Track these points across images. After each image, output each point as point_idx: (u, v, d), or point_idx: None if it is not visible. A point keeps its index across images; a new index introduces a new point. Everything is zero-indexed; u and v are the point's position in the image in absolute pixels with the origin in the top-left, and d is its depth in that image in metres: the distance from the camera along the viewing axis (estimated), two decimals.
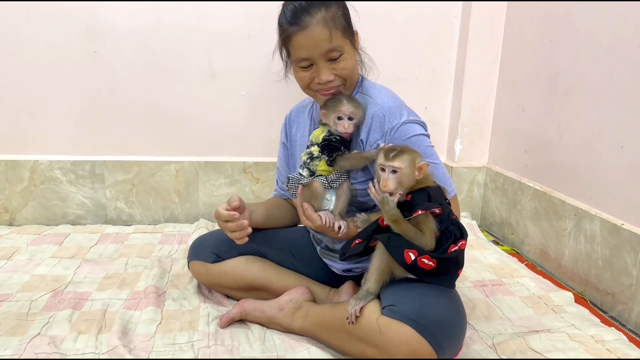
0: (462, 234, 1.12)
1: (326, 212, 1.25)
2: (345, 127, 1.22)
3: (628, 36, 1.52)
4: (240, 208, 1.30)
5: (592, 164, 1.68)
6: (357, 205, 1.31)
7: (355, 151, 1.27)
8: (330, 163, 1.24)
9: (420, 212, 1.05)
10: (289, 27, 1.20)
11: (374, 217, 1.25)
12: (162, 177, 2.17)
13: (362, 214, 1.25)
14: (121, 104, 2.10)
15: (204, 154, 2.20)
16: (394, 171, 1.08)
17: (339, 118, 1.23)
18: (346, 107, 1.22)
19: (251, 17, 2.06)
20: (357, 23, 1.29)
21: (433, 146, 1.27)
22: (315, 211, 1.26)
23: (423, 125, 1.28)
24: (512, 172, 2.15)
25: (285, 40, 1.24)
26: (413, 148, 1.17)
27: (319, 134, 1.27)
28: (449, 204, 1.16)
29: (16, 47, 1.98)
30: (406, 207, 1.09)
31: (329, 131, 1.26)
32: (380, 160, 1.10)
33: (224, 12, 2.06)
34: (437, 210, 1.08)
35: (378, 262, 1.13)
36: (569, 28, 1.78)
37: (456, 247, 1.09)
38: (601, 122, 1.63)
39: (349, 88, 1.29)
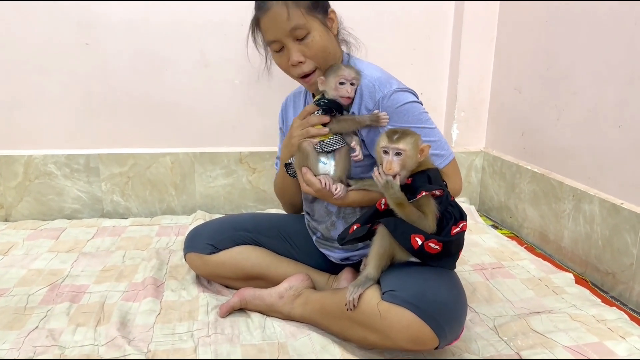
0: (461, 215, 1.11)
1: (325, 175, 1.23)
2: (348, 92, 1.22)
3: (624, 13, 1.50)
4: None
5: (590, 144, 1.67)
6: None
7: (348, 115, 1.26)
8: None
9: (423, 194, 1.05)
10: (256, 13, 1.26)
11: (367, 181, 1.24)
12: (158, 169, 2.15)
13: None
14: (114, 96, 2.08)
15: (199, 145, 2.19)
16: (398, 153, 1.07)
17: (341, 83, 1.22)
18: (347, 72, 1.23)
19: (243, 5, 2.03)
20: (349, 8, 1.27)
21: (427, 112, 1.26)
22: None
23: (414, 93, 1.27)
24: (510, 156, 2.14)
25: (255, 26, 1.29)
26: (408, 116, 1.20)
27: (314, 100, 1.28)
28: (446, 185, 1.15)
29: (6, 40, 1.96)
30: (407, 190, 1.08)
31: (322, 95, 1.26)
32: (384, 142, 1.09)
33: (216, 1, 2.03)
34: (437, 192, 1.08)
35: (378, 247, 1.12)
36: (565, 7, 1.76)
37: (458, 229, 1.09)
38: (598, 101, 1.62)
39: (324, 68, 1.28)
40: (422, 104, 1.26)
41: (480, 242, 1.89)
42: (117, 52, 2.03)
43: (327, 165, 1.24)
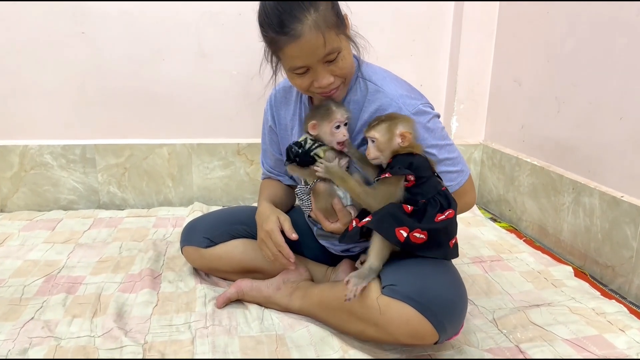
0: (449, 204, 1.10)
1: (352, 206, 1.20)
2: (345, 135, 1.17)
3: (625, 4, 1.49)
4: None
5: (591, 136, 1.66)
6: None
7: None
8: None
9: (387, 176, 1.08)
10: (277, 36, 1.08)
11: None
12: (155, 161, 2.13)
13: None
14: (111, 86, 2.06)
15: (196, 136, 2.17)
16: (373, 140, 1.11)
17: (337, 127, 1.16)
18: (340, 114, 1.16)
19: None
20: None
21: (444, 127, 1.25)
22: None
23: (432, 106, 1.24)
24: (509, 149, 2.13)
25: (274, 50, 1.14)
26: (435, 133, 1.19)
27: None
28: (437, 175, 1.14)
29: (1, 29, 1.93)
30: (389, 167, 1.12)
31: (305, 140, 1.21)
32: (363, 130, 1.15)
33: None
34: (411, 178, 1.08)
35: (379, 237, 1.11)
36: None
37: (443, 217, 1.07)
38: (599, 94, 1.61)
39: (348, 82, 1.22)
40: (439, 117, 1.24)
41: (479, 235, 1.89)
42: (114, 41, 2.01)
43: (345, 198, 1.21)
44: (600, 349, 1.17)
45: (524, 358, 1.14)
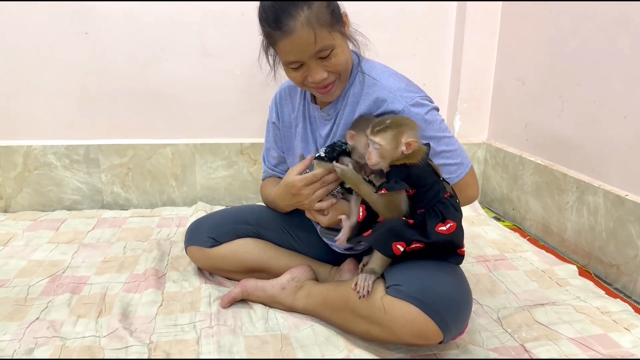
0: (450, 214, 1.08)
1: (333, 196, 1.24)
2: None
3: (630, 3, 1.48)
4: None
5: (594, 135, 1.66)
6: None
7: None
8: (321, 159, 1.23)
9: (383, 192, 1.06)
10: (272, 31, 1.13)
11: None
12: (158, 160, 2.14)
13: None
14: (114, 86, 2.06)
15: (199, 136, 2.17)
16: (377, 146, 1.08)
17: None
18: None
19: None
20: None
21: (443, 119, 1.25)
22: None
23: (431, 99, 1.24)
24: (513, 147, 2.13)
25: (270, 44, 1.20)
26: (434, 125, 1.19)
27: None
28: (444, 180, 1.13)
29: (3, 29, 1.94)
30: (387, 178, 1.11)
31: (340, 142, 1.23)
32: (367, 132, 1.10)
33: None
34: (409, 192, 1.07)
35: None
36: None
37: (444, 228, 1.05)
38: (603, 92, 1.61)
39: (345, 79, 1.24)
40: (438, 110, 1.24)
41: (483, 234, 1.88)
42: (117, 42, 2.01)
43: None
44: (605, 348, 1.17)
45: (529, 357, 1.14)
